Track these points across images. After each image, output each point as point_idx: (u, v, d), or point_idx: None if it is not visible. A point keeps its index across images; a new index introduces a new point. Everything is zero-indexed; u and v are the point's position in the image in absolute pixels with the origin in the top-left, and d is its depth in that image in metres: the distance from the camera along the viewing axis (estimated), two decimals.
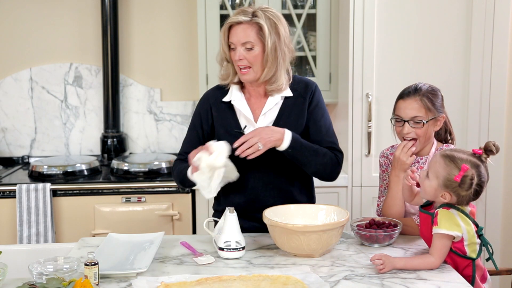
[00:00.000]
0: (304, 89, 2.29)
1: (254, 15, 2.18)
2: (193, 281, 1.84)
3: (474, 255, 1.95)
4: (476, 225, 1.95)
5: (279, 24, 2.20)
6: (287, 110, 2.27)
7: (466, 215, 1.94)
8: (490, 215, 3.22)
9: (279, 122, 2.26)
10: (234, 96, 2.29)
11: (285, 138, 2.17)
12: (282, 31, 2.20)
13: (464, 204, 1.96)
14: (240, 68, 2.21)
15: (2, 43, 3.65)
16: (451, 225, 1.91)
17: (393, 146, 2.42)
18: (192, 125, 2.36)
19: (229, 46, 2.22)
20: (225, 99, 2.30)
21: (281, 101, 2.27)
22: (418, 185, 2.08)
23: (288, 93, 2.28)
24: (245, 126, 2.26)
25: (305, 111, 2.28)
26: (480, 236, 1.95)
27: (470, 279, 1.95)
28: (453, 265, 1.97)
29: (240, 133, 2.24)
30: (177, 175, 2.31)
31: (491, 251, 1.98)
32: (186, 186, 2.30)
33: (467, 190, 1.91)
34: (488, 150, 1.98)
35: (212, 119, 2.32)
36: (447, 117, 2.33)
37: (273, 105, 2.26)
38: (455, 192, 1.93)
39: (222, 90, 2.33)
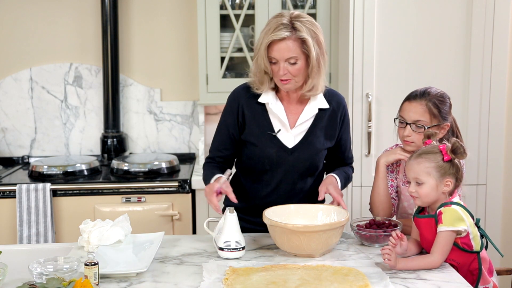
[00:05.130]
0: (337, 104, 2.29)
1: (294, 27, 2.10)
2: (259, 267, 1.93)
3: (478, 248, 1.98)
4: (472, 216, 1.97)
5: (318, 32, 2.15)
6: (321, 122, 2.27)
7: (465, 208, 1.96)
8: (490, 215, 3.22)
9: (312, 132, 2.26)
10: (270, 99, 2.23)
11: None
12: (322, 40, 2.16)
13: (460, 183, 1.99)
14: (281, 79, 2.16)
15: (2, 43, 3.65)
16: (456, 220, 1.92)
17: (397, 145, 2.42)
18: (223, 123, 2.31)
19: (269, 60, 2.15)
20: (261, 100, 2.24)
21: (316, 112, 2.26)
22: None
23: (325, 104, 2.26)
24: (279, 130, 2.24)
25: (337, 127, 2.30)
26: (478, 227, 2.00)
27: (477, 272, 1.98)
28: (461, 264, 1.98)
29: (274, 136, 2.24)
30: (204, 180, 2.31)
31: (490, 241, 2.05)
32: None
33: (465, 153, 1.94)
34: (430, 135, 2.06)
35: (244, 118, 2.27)
36: (455, 122, 2.32)
37: (309, 116, 2.25)
38: (454, 171, 1.96)
39: (252, 90, 2.26)
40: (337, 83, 3.40)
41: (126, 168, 3.32)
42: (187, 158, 3.70)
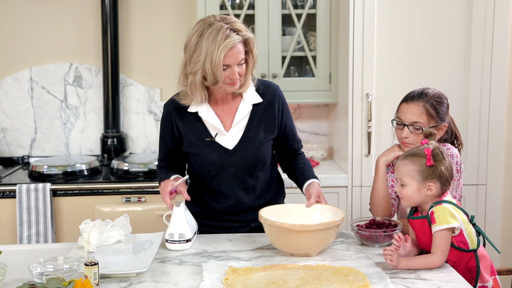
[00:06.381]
0: (273, 95, 2.31)
1: (236, 30, 2.12)
2: (260, 267, 1.93)
3: (474, 246, 1.98)
4: (466, 214, 1.97)
5: (248, 28, 2.21)
6: (257, 116, 2.29)
7: (456, 205, 1.96)
8: (490, 216, 3.22)
9: (250, 129, 2.28)
10: (199, 107, 2.25)
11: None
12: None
13: (449, 186, 1.99)
14: (230, 83, 2.17)
15: (2, 43, 3.65)
16: (449, 218, 1.92)
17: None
18: (162, 137, 2.37)
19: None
20: (191, 110, 2.26)
21: (251, 108, 2.28)
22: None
23: (258, 99, 2.28)
24: (216, 134, 2.26)
25: (276, 118, 2.31)
26: (473, 225, 1.99)
27: (475, 270, 1.97)
28: (457, 263, 1.97)
29: (212, 141, 2.25)
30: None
31: (486, 238, 2.06)
32: None
33: (444, 159, 1.95)
34: (428, 134, 2.05)
35: (179, 131, 2.29)
36: (453, 122, 2.32)
37: (244, 114, 2.27)
38: (437, 176, 1.94)
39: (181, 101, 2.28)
40: (337, 83, 3.40)
41: (126, 168, 3.32)
42: None
